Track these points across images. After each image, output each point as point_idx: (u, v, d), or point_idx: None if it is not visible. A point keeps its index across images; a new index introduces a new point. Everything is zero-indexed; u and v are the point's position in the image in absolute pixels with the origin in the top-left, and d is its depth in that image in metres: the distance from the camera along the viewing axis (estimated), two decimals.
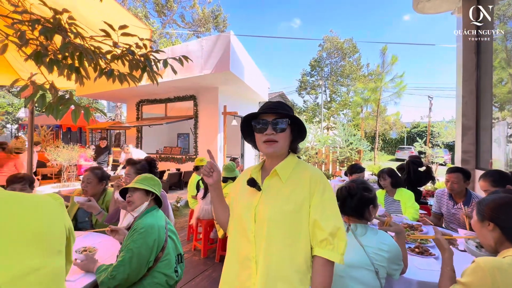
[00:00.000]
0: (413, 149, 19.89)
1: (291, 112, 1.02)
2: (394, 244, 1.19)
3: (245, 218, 0.99)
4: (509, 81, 4.12)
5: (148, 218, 1.41)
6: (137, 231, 1.30)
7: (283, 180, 0.98)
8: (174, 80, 6.79)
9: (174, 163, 8.34)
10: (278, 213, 0.94)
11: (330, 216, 0.93)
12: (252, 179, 1.02)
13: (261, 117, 1.00)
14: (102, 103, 25.94)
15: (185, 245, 3.62)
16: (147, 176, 1.57)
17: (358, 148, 8.53)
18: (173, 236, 1.50)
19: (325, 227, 0.91)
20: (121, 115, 15.15)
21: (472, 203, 2.18)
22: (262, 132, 0.99)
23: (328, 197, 0.97)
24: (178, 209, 5.51)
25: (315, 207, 0.94)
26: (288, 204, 0.94)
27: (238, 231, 1.01)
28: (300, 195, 0.95)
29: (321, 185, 0.97)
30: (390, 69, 10.91)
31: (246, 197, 1.04)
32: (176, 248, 1.50)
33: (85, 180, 2.16)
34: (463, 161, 4.35)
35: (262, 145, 1.01)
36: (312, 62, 26.51)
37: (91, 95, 9.63)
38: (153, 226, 1.34)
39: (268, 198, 0.98)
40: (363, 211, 1.27)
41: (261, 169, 1.09)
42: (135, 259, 1.24)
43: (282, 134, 0.99)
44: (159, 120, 8.52)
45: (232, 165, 3.12)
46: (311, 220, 0.94)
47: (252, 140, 1.09)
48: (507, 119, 4.02)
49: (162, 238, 1.38)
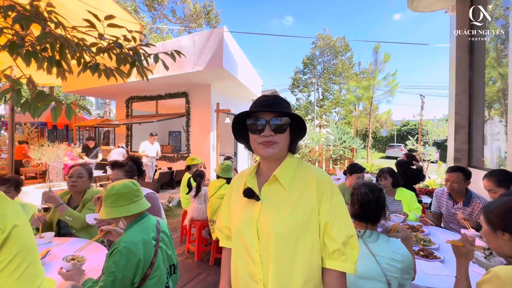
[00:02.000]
0: (403, 147, 20.31)
1: (289, 108, 0.90)
2: (407, 254, 1.12)
3: (247, 235, 0.87)
4: (498, 80, 4.17)
5: (131, 233, 1.22)
6: (118, 250, 1.13)
7: (285, 187, 0.87)
8: (166, 76, 6.60)
9: (166, 161, 8.15)
10: (284, 226, 0.82)
11: (341, 223, 0.84)
12: (249, 189, 0.89)
13: (257, 115, 0.88)
14: (90, 100, 25.22)
15: (178, 247, 3.50)
16: (121, 193, 1.28)
17: (351, 146, 8.55)
18: (164, 245, 1.33)
19: (337, 237, 0.81)
20: (110, 112, 14.73)
21: (472, 203, 2.15)
22: (258, 133, 0.86)
23: (337, 202, 0.87)
24: (170, 209, 5.36)
25: (324, 214, 0.84)
26: (295, 214, 0.83)
27: (240, 249, 0.90)
28: (307, 203, 0.85)
29: (329, 189, 0.87)
30: (383, 67, 11.01)
31: (244, 210, 0.91)
32: (168, 258, 1.34)
33: (76, 174, 2.03)
34: (455, 159, 4.39)
35: (258, 147, 0.88)
36: (305, 60, 26.54)
37: (78, 92, 9.29)
38: (136, 244, 1.16)
39: (271, 209, 0.86)
40: (380, 214, 1.19)
41: (256, 174, 0.96)
42: (118, 283, 1.10)
43: (282, 135, 0.87)
44: (149, 118, 8.29)
45: (230, 165, 3.02)
46: (321, 229, 0.84)
47: (245, 140, 0.97)
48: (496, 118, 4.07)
49: (150, 254, 1.21)
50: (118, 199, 1.27)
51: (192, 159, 3.91)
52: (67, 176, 2.08)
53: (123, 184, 1.30)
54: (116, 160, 2.01)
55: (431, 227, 2.15)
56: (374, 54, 11.24)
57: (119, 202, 1.27)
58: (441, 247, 1.74)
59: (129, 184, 1.31)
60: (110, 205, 1.27)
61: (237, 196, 0.98)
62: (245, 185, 0.94)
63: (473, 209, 2.13)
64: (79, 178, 2.05)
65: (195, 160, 3.92)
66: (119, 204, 1.27)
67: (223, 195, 2.89)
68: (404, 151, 19.98)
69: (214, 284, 2.60)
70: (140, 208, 1.31)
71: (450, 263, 1.52)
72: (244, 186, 0.94)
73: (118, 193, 1.27)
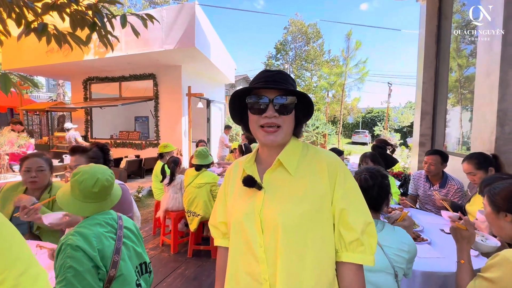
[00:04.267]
0: (367, 133, 21.55)
1: (295, 86, 0.77)
2: (413, 243, 1.07)
3: (248, 228, 0.74)
4: (457, 70, 4.48)
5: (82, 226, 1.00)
6: (65, 252, 0.90)
7: (291, 172, 0.75)
8: (129, 55, 5.96)
9: (133, 149, 7.57)
10: (293, 217, 0.71)
11: (358, 210, 0.74)
12: (249, 177, 0.76)
13: (259, 92, 0.74)
14: (40, 80, 22.32)
15: (152, 240, 3.26)
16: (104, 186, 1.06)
17: (323, 132, 8.76)
18: (130, 242, 1.12)
19: (355, 225, 0.71)
20: (64, 95, 13.18)
21: (447, 184, 2.26)
22: (260, 113, 0.74)
23: (352, 186, 0.77)
24: (140, 200, 5.01)
25: (339, 201, 0.74)
26: (304, 202, 0.72)
27: (240, 246, 0.76)
28: (318, 189, 0.73)
29: (342, 173, 0.76)
30: (354, 54, 11.28)
31: (243, 200, 0.78)
32: (137, 255, 1.14)
33: (34, 168, 1.67)
34: (420, 143, 4.69)
35: (259, 131, 0.76)
36: (277, 45, 26.30)
37: (23, 70, 8.04)
38: (87, 236, 0.95)
39: (276, 198, 0.74)
40: (382, 202, 1.12)
41: (255, 161, 0.84)
42: None
43: (287, 116, 0.74)
44: (112, 101, 7.53)
45: (205, 150, 2.80)
46: (336, 218, 0.74)
47: (242, 122, 0.83)
48: (457, 106, 4.39)
49: (108, 252, 0.99)
50: (100, 192, 1.06)
51: (165, 146, 3.61)
52: (22, 171, 1.70)
53: (106, 177, 1.08)
54: (78, 145, 1.69)
55: (410, 209, 2.22)
56: (346, 41, 11.43)
57: (97, 197, 1.06)
58: (425, 229, 1.78)
59: (108, 178, 1.09)
60: (86, 200, 1.05)
61: (234, 187, 0.84)
62: (243, 173, 0.80)
63: (448, 190, 2.25)
64: (39, 172, 1.69)
65: (168, 147, 3.63)
66: (97, 200, 1.07)
67: (201, 184, 2.70)
68: (368, 137, 21.35)
69: (193, 277, 2.45)
70: (112, 203, 1.12)
71: (437, 245, 1.55)
72: (243, 174, 0.80)
73: (103, 187, 1.06)
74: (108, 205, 1.10)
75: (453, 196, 2.20)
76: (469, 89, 4.11)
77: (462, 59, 4.34)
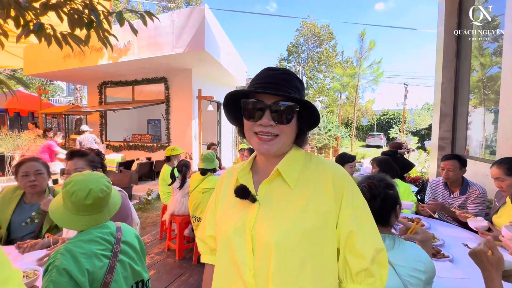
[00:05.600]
0: (382, 136, 20.89)
1: (301, 90, 0.67)
2: (430, 261, 0.94)
3: (237, 247, 0.64)
4: (479, 70, 4.20)
5: (72, 243, 0.90)
6: (50, 274, 0.81)
7: (291, 184, 0.65)
8: (142, 59, 6.05)
9: (145, 151, 7.67)
10: (289, 236, 0.60)
11: (368, 234, 0.63)
12: (242, 187, 0.67)
13: (256, 95, 0.65)
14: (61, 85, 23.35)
15: (158, 244, 3.23)
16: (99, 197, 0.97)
17: (336, 135, 8.53)
18: (128, 258, 1.02)
19: (364, 252, 0.61)
20: (81, 99, 13.67)
21: (468, 190, 2.07)
22: (254, 119, 0.65)
23: (361, 205, 0.66)
24: (150, 203, 5.03)
25: (346, 222, 0.63)
26: (304, 220, 0.61)
27: (227, 266, 0.66)
28: (321, 206, 0.63)
29: (349, 189, 0.66)
30: (368, 54, 10.95)
31: (234, 213, 0.69)
32: (134, 273, 1.03)
33: (32, 172, 1.66)
34: (439, 147, 4.44)
35: (253, 139, 0.67)
36: (289, 47, 26.20)
37: (43, 75, 8.39)
38: (77, 257, 0.85)
39: (271, 213, 0.64)
40: (389, 215, 1.00)
41: (251, 169, 0.74)
42: None
43: (286, 126, 0.65)
44: (125, 105, 7.69)
45: (211, 154, 2.74)
46: (342, 242, 0.63)
47: (239, 124, 0.74)
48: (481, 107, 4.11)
49: (99, 273, 0.89)
50: (94, 205, 0.97)
51: (172, 149, 3.59)
52: (19, 176, 1.69)
53: (100, 187, 0.97)
54: (76, 149, 1.67)
55: (430, 220, 2.04)
56: (359, 41, 11.13)
57: (91, 210, 0.97)
58: (446, 243, 1.61)
59: (103, 188, 0.99)
60: (79, 213, 0.95)
61: (226, 197, 0.75)
62: (237, 182, 0.71)
63: (468, 196, 2.06)
64: (38, 176, 1.68)
65: (176, 150, 3.60)
66: (91, 212, 0.97)
67: (206, 189, 2.63)
68: (384, 139, 20.67)
69: (197, 286, 2.38)
70: (110, 214, 1.03)
71: (459, 262, 1.39)
72: (236, 183, 0.71)
73: (97, 199, 0.96)
74: (105, 217, 1.01)
75: (473, 202, 2.01)
76: (493, 90, 3.84)
77: (485, 58, 4.08)
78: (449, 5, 4.24)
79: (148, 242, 3.31)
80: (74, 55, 6.67)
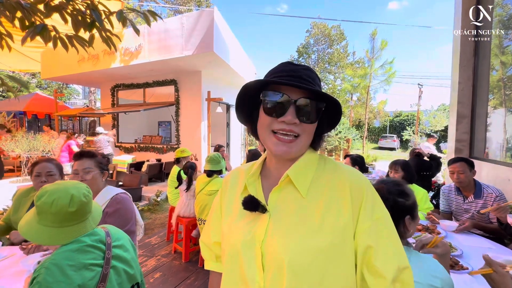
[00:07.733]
0: (395, 137, 20.35)
1: (322, 89, 0.61)
2: (448, 277, 0.86)
3: (246, 262, 0.58)
4: (500, 68, 3.99)
5: (59, 254, 0.82)
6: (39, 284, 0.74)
7: (302, 193, 0.59)
8: (152, 62, 6.14)
9: (155, 153, 7.77)
10: (304, 253, 0.54)
11: (389, 249, 0.56)
12: (252, 198, 0.60)
13: (280, 89, 0.58)
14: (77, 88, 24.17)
15: (165, 246, 3.23)
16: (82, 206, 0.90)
17: (346, 136, 8.36)
18: (121, 263, 0.97)
19: (385, 271, 0.53)
20: (95, 101, 14.07)
21: (483, 193, 1.94)
22: (277, 115, 0.58)
23: (382, 216, 0.58)
24: (159, 204, 5.06)
25: (364, 235, 0.56)
26: (320, 234, 0.55)
27: (235, 281, 0.60)
28: (338, 217, 0.56)
29: (369, 198, 0.58)
30: (380, 54, 10.68)
31: (243, 224, 0.62)
32: (129, 278, 0.99)
33: (44, 173, 1.67)
34: (456, 150, 4.23)
35: (269, 138, 0.60)
36: (300, 48, 26.02)
37: (59, 78, 8.68)
38: (65, 271, 0.78)
39: (283, 226, 0.57)
40: (397, 224, 0.93)
41: (261, 174, 0.68)
42: None
43: (310, 125, 0.59)
44: (136, 107, 7.83)
45: (218, 156, 2.71)
46: (359, 257, 0.56)
47: (250, 121, 0.67)
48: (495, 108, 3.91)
49: (90, 285, 0.83)
50: (79, 212, 0.89)
51: (182, 151, 3.60)
52: (33, 176, 1.72)
53: (82, 191, 0.92)
54: (87, 149, 1.68)
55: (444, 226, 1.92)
56: (371, 41, 10.88)
57: (76, 218, 0.89)
58: (464, 253, 1.50)
59: (85, 192, 0.94)
60: (63, 224, 0.86)
61: (232, 203, 0.68)
62: (245, 189, 0.65)
63: (485, 200, 1.93)
64: (49, 177, 1.70)
65: (185, 152, 3.61)
66: (76, 221, 0.89)
67: (212, 191, 2.60)
68: (397, 141, 20.13)
69: None
70: (95, 221, 0.97)
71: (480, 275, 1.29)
72: (244, 191, 0.65)
73: (81, 204, 0.89)
74: (91, 225, 0.94)
75: (493, 204, 1.88)
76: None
77: (506, 56, 3.87)
78: (467, 0, 4.06)
79: (156, 243, 3.31)
80: (87, 58, 6.86)
